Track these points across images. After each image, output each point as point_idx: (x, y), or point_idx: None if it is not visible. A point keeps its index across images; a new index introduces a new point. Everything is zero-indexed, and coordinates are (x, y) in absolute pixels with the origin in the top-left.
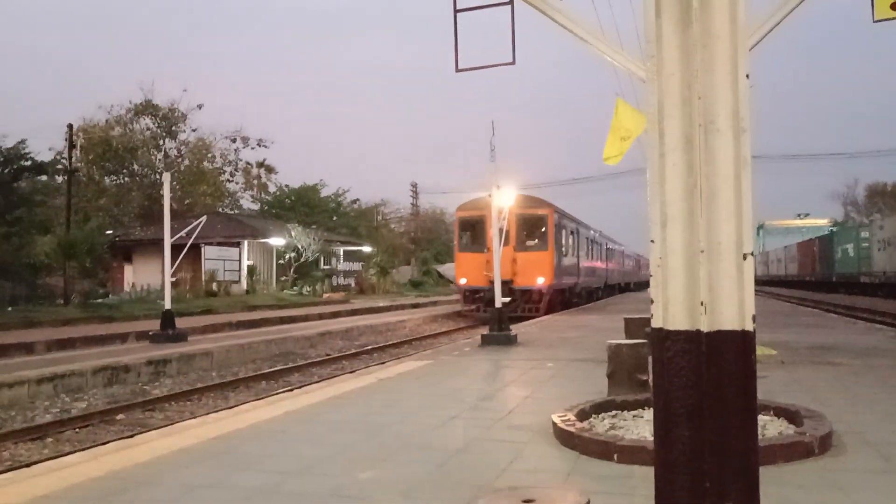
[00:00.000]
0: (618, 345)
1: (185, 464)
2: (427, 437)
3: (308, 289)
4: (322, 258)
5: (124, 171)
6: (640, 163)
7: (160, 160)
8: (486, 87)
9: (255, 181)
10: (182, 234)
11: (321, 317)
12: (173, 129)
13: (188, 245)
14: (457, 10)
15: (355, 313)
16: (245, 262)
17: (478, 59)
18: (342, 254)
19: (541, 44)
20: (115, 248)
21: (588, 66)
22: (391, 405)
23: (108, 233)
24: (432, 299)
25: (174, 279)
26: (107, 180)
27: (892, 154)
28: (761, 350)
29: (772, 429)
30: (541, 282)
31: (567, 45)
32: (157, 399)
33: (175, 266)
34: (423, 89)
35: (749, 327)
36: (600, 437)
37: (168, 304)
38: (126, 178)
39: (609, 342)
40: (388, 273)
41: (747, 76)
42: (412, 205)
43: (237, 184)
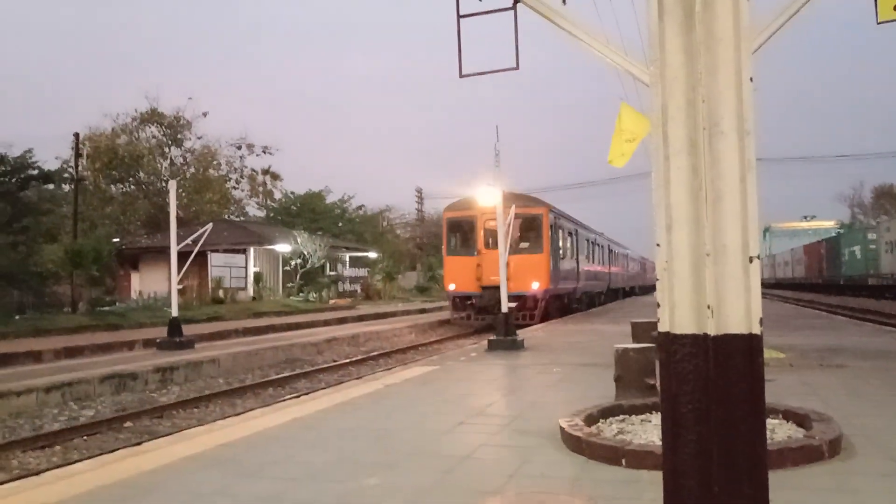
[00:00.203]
0: (625, 349)
1: (192, 471)
2: (434, 443)
3: (314, 295)
4: (328, 264)
5: (130, 179)
6: (645, 166)
7: (166, 168)
8: (491, 92)
9: (261, 188)
10: (188, 241)
11: (327, 323)
12: (179, 136)
13: (194, 252)
14: (460, 16)
15: (361, 319)
16: (251, 269)
17: (482, 64)
18: (348, 260)
19: (544, 48)
20: (122, 255)
21: (591, 70)
22: (398, 411)
23: (114, 241)
24: (438, 304)
25: (181, 286)
26: (113, 188)
27: None
28: (769, 353)
29: (781, 432)
30: (535, 287)
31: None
32: (165, 406)
33: (181, 273)
34: (428, 95)
35: (756, 331)
36: (608, 442)
37: (175, 312)
38: (132, 187)
39: (616, 346)
40: (394, 279)
41: (751, 79)
42: (417, 210)
43: (243, 191)
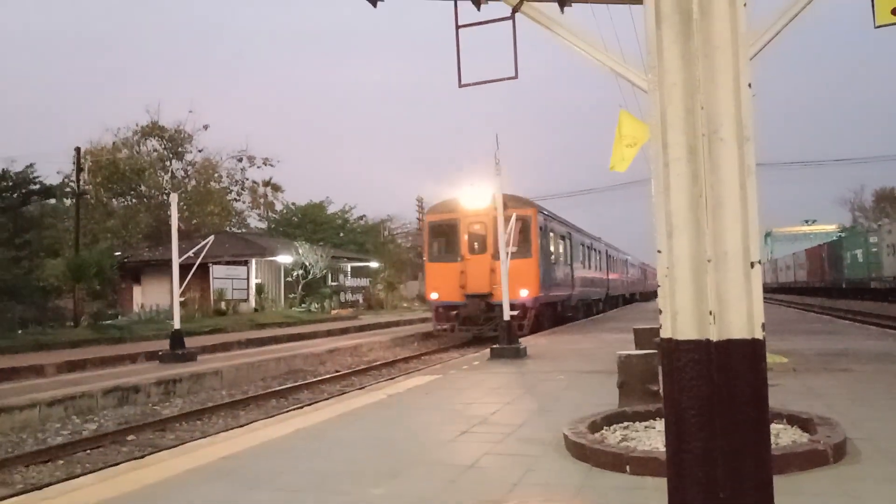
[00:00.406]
0: (628, 355)
1: (196, 483)
2: (438, 453)
3: (316, 306)
4: (329, 275)
5: (132, 192)
6: (646, 173)
7: (167, 181)
8: (491, 101)
9: (262, 200)
10: (190, 254)
11: (330, 333)
12: (180, 150)
13: (196, 265)
14: (458, 26)
15: (364, 329)
16: (253, 281)
17: (482, 73)
18: (349, 270)
19: (542, 56)
20: (124, 269)
21: (591, 77)
22: (401, 421)
23: (116, 254)
24: None
25: (183, 299)
26: (115, 202)
27: None
28: (772, 358)
29: (785, 437)
30: (524, 294)
31: (569, 57)
32: (168, 419)
33: (183, 286)
34: (427, 105)
35: (759, 335)
36: (612, 449)
37: (177, 324)
38: (133, 200)
39: (619, 353)
40: (396, 288)
41: (750, 85)
42: (418, 219)
43: (244, 203)
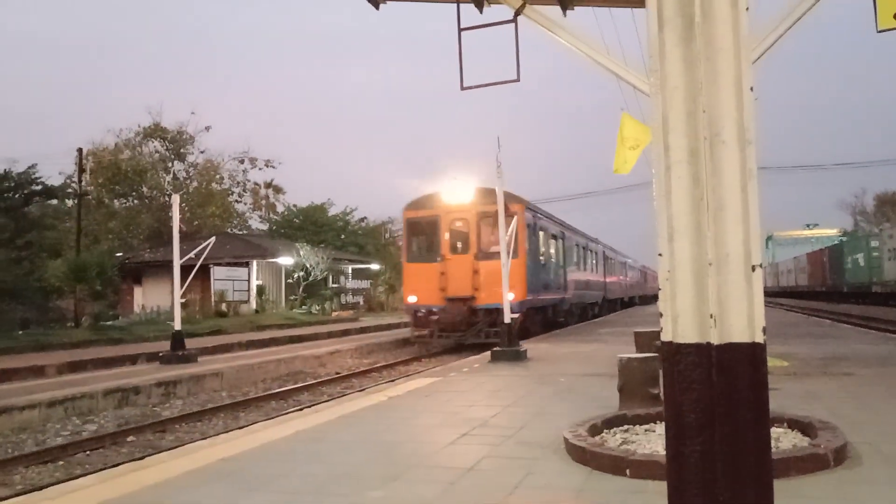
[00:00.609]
0: (628, 359)
1: (196, 485)
2: (438, 456)
3: (317, 307)
4: (330, 277)
5: (133, 193)
6: (648, 176)
7: (169, 182)
8: (493, 104)
9: (264, 201)
10: (191, 255)
11: (330, 335)
12: (181, 151)
13: (197, 266)
14: (461, 29)
15: (364, 331)
16: (254, 282)
17: (484, 75)
18: (350, 272)
19: (544, 59)
20: (125, 270)
21: (592, 81)
22: (401, 423)
23: (117, 255)
24: None
25: (184, 300)
26: (116, 203)
27: None
28: (773, 361)
29: (785, 441)
30: (510, 298)
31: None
32: (168, 420)
33: (184, 287)
34: (429, 108)
35: (760, 339)
36: (612, 452)
37: (178, 325)
38: (135, 201)
39: (619, 356)
40: (397, 290)
41: (752, 88)
42: None
43: (245, 204)
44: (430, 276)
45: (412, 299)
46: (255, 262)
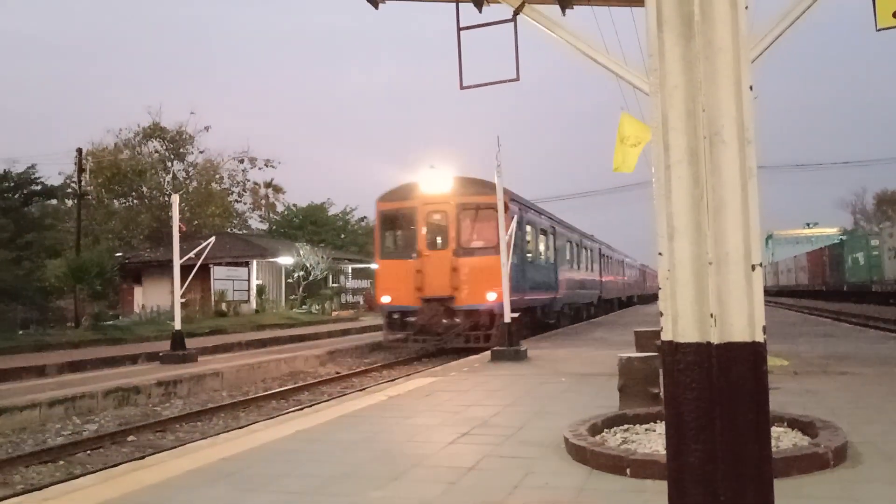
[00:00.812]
0: (629, 358)
1: (196, 485)
2: (438, 455)
3: (317, 307)
4: (330, 276)
5: (133, 193)
6: (647, 175)
7: (168, 182)
8: (492, 103)
9: (263, 201)
10: (191, 255)
11: (330, 335)
12: (181, 151)
13: (197, 266)
14: (460, 28)
15: (364, 331)
16: (254, 282)
17: (483, 75)
18: (350, 271)
19: (544, 59)
20: (125, 270)
21: (591, 80)
22: (401, 423)
23: (117, 255)
24: None
25: (184, 300)
26: (116, 203)
27: None
28: (773, 361)
29: (786, 440)
30: (491, 299)
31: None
32: (168, 420)
33: (184, 287)
34: (429, 107)
35: (760, 338)
36: (612, 452)
37: (178, 325)
38: (135, 201)
39: (620, 355)
40: None
41: (751, 87)
42: None
43: (245, 204)
44: (405, 275)
45: (385, 300)
46: (254, 262)
